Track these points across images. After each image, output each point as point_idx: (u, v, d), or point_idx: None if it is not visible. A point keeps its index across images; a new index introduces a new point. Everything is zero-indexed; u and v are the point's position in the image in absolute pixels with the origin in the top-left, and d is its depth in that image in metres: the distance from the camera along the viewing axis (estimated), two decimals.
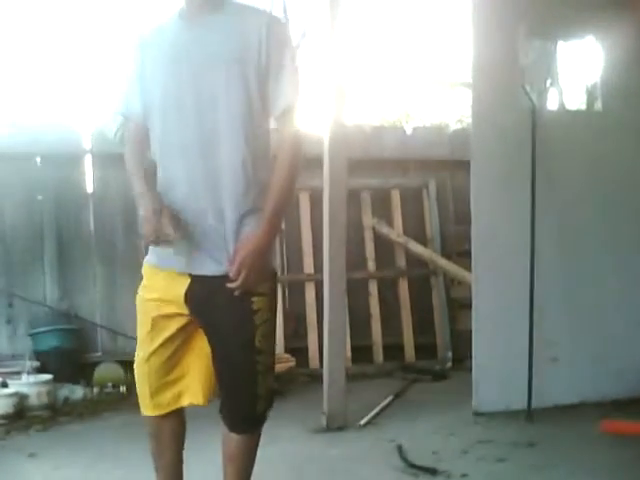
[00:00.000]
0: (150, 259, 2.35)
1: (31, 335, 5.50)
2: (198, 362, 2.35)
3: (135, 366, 2.38)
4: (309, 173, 5.64)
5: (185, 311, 2.27)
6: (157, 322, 2.30)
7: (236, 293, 2.19)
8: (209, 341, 2.30)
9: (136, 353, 2.38)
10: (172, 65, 2.24)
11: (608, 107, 4.97)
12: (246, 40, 2.20)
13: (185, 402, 2.39)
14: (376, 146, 6.42)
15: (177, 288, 2.26)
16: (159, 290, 2.30)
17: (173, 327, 2.30)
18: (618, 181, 4.78)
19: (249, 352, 2.25)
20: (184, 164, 2.22)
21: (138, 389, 2.39)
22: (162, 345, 2.31)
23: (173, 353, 2.33)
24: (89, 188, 5.90)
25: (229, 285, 2.19)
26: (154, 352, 2.31)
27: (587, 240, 4.73)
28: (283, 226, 6.17)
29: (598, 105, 5.14)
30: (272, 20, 2.30)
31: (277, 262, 2.40)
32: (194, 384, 2.37)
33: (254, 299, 2.24)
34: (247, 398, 2.30)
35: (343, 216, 4.37)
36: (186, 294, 2.25)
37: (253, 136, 2.23)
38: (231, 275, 2.19)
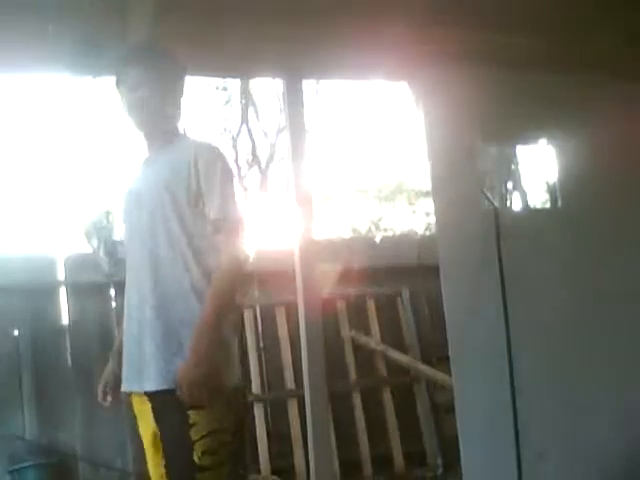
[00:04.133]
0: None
1: (11, 472, 5.34)
2: None
3: None
4: (283, 288, 5.78)
5: None
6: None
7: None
8: None
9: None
10: (129, 201, 2.56)
11: (568, 204, 5.11)
12: (174, 169, 2.43)
13: None
14: (347, 256, 6.50)
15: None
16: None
17: None
18: (588, 274, 4.85)
19: (189, 470, 2.23)
20: (137, 285, 2.42)
21: None
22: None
23: None
24: (65, 320, 5.88)
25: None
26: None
27: (566, 335, 4.73)
28: (261, 344, 6.18)
29: (559, 202, 5.27)
30: (201, 147, 2.52)
31: (234, 377, 2.43)
32: None
33: (190, 412, 2.23)
34: None
35: (319, 328, 4.37)
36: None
37: (196, 254, 2.38)
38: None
